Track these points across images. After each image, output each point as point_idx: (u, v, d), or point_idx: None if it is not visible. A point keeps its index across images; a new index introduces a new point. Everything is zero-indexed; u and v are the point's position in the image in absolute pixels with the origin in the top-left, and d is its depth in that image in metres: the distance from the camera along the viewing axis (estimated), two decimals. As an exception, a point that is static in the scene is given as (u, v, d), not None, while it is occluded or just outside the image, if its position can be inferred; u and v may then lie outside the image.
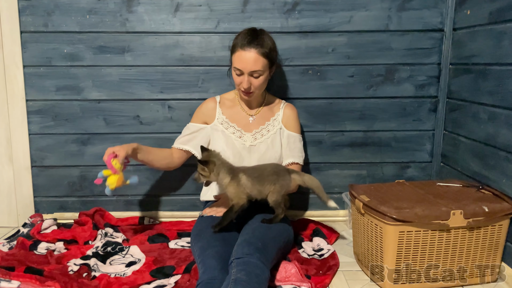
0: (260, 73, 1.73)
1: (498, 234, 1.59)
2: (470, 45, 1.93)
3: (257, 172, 1.68)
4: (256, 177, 1.67)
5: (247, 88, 1.74)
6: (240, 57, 1.72)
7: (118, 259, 1.78)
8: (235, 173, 1.66)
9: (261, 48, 1.70)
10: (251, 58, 1.70)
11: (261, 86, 1.77)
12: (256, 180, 1.66)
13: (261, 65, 1.71)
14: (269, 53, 1.73)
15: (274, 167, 1.72)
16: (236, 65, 1.73)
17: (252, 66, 1.70)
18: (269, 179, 1.67)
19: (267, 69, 1.75)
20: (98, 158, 2.16)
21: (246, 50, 1.70)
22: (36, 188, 2.18)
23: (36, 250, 1.84)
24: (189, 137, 1.90)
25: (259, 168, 1.71)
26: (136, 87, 2.11)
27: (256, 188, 1.66)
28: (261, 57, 1.70)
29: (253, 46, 1.70)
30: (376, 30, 2.08)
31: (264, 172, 1.68)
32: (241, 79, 1.74)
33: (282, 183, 1.68)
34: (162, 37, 2.07)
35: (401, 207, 1.53)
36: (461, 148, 2.00)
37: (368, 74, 2.13)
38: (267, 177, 1.67)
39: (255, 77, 1.73)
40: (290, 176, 1.71)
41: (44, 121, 2.12)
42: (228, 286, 1.31)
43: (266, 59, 1.72)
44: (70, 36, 2.05)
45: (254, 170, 1.70)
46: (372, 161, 2.22)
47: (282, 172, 1.70)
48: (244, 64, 1.71)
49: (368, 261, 1.67)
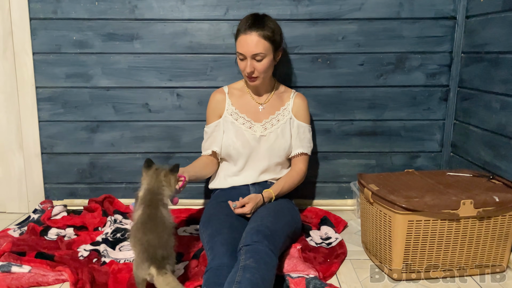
0: (263, 56, 1.72)
1: (508, 224, 1.57)
2: (483, 33, 1.90)
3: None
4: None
5: (250, 72, 1.73)
6: (241, 41, 1.71)
7: (127, 245, 1.79)
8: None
9: (262, 30, 1.70)
10: (253, 41, 1.69)
11: (265, 70, 1.75)
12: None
13: (262, 47, 1.70)
14: (271, 36, 1.72)
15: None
16: (239, 50, 1.73)
17: (253, 49, 1.69)
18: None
19: (270, 52, 1.74)
20: (108, 145, 2.18)
21: (247, 34, 1.70)
22: (46, 175, 2.20)
23: (46, 236, 1.87)
24: (211, 140, 1.88)
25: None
26: (145, 74, 2.11)
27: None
28: (262, 39, 1.69)
29: (254, 29, 1.69)
30: (387, 17, 2.06)
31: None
32: (245, 63, 1.74)
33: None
34: (171, 25, 2.06)
35: (411, 196, 1.53)
36: (472, 138, 1.98)
37: (378, 62, 2.10)
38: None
39: (258, 60, 1.72)
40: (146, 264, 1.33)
41: (54, 108, 2.13)
42: (237, 272, 1.31)
43: (268, 42, 1.71)
44: (79, 23, 2.05)
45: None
46: (381, 150, 2.21)
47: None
48: (245, 47, 1.70)
49: (376, 250, 1.67)
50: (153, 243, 1.33)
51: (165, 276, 1.30)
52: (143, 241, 1.34)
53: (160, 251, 1.33)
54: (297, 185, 1.88)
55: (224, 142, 1.85)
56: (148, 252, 1.32)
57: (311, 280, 1.47)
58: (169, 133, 2.17)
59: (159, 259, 1.31)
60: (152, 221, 1.38)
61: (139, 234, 1.36)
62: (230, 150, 1.84)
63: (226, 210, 1.71)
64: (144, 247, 1.33)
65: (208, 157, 1.89)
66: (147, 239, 1.34)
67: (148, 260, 1.31)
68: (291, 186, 1.85)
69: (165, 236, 1.37)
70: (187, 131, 2.17)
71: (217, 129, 1.87)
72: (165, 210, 1.44)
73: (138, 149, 2.18)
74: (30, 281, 1.52)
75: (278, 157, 1.86)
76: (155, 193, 1.45)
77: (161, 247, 1.34)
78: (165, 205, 1.46)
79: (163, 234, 1.37)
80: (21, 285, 1.51)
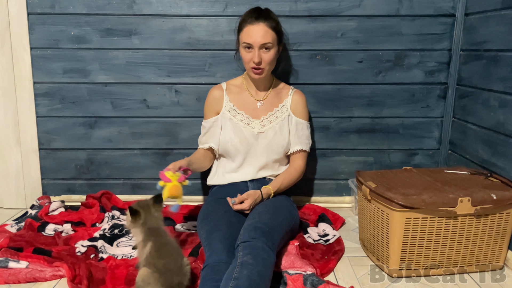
0: (270, 46, 1.74)
1: (506, 222, 1.58)
2: (482, 30, 1.89)
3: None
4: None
5: (258, 62, 1.73)
6: (249, 31, 1.73)
7: (125, 241, 1.79)
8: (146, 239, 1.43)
9: (269, 21, 1.74)
10: (261, 31, 1.72)
11: (271, 62, 1.77)
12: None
13: (270, 37, 1.73)
14: (276, 27, 1.76)
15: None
16: (246, 40, 1.74)
17: (262, 39, 1.71)
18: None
19: (276, 43, 1.76)
20: (105, 141, 2.17)
21: (255, 24, 1.72)
22: (44, 170, 2.20)
23: (44, 232, 1.86)
24: (208, 134, 1.89)
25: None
26: (143, 70, 2.10)
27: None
28: (270, 29, 1.73)
29: (261, 20, 1.73)
30: (386, 14, 2.05)
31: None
32: (252, 54, 1.74)
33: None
34: (169, 20, 2.06)
35: (408, 194, 1.53)
36: (470, 136, 1.98)
37: (377, 59, 2.10)
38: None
39: (266, 50, 1.74)
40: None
41: (52, 103, 2.12)
42: (235, 269, 1.31)
43: (275, 32, 1.75)
44: (77, 18, 2.04)
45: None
46: (380, 147, 2.21)
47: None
48: (254, 37, 1.72)
49: (373, 247, 1.67)
50: (170, 267, 1.36)
51: None
52: (158, 265, 1.36)
53: (177, 278, 1.36)
54: (295, 182, 1.88)
55: (222, 138, 1.85)
56: (166, 277, 1.35)
57: (309, 277, 1.47)
58: (167, 129, 2.17)
59: (175, 286, 1.36)
60: (165, 247, 1.40)
61: (153, 260, 1.37)
62: (228, 147, 1.83)
63: (224, 206, 1.71)
64: (160, 271, 1.35)
65: (206, 150, 1.89)
66: (164, 263, 1.36)
67: (164, 285, 1.34)
68: (290, 183, 1.85)
69: (179, 260, 1.40)
70: (185, 127, 2.16)
71: (215, 125, 1.87)
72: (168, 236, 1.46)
73: (136, 145, 2.18)
74: (28, 276, 1.52)
75: (276, 154, 1.86)
76: (157, 228, 1.45)
77: (178, 273, 1.37)
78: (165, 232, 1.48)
79: (178, 258, 1.40)
80: (18, 281, 1.51)
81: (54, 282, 1.53)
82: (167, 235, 1.45)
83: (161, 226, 1.47)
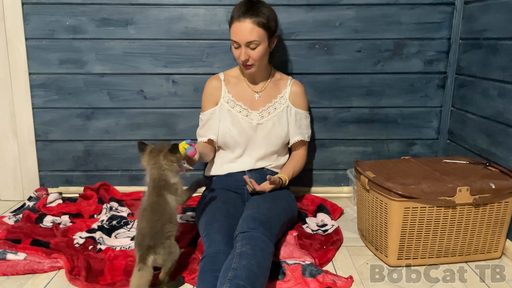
0: (257, 44, 1.69)
1: (504, 211, 1.58)
2: (482, 19, 1.88)
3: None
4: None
5: (244, 60, 1.71)
6: (235, 29, 1.69)
7: (123, 233, 1.79)
8: None
9: (256, 17, 1.67)
10: (247, 29, 1.66)
11: (260, 58, 1.73)
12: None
13: (256, 35, 1.67)
14: (265, 23, 1.69)
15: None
16: (233, 38, 1.71)
17: (247, 37, 1.67)
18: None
19: (265, 39, 1.71)
20: (103, 132, 2.16)
21: (241, 21, 1.67)
22: (41, 162, 2.18)
23: (41, 223, 1.86)
24: (206, 127, 1.85)
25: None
26: (140, 61, 2.08)
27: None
28: (256, 26, 1.67)
29: (248, 16, 1.66)
30: (385, 3, 2.03)
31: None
32: (239, 51, 1.71)
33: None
34: (166, 10, 2.03)
35: (407, 183, 1.52)
36: (468, 125, 1.98)
37: (376, 49, 2.08)
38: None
39: (252, 48, 1.69)
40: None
41: (48, 94, 2.11)
42: (233, 259, 1.31)
43: (263, 29, 1.68)
44: (72, 8, 2.01)
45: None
46: (378, 137, 2.20)
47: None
48: (239, 35, 1.68)
49: (372, 237, 1.67)
50: (144, 231, 1.35)
51: (140, 272, 1.31)
52: (139, 226, 1.38)
53: (147, 240, 1.33)
54: (300, 170, 1.91)
55: (220, 130, 1.84)
56: (137, 239, 1.35)
57: (307, 267, 1.47)
58: (164, 120, 2.16)
59: (143, 249, 1.32)
60: (150, 209, 1.37)
61: (138, 219, 1.39)
62: (227, 138, 1.82)
63: (222, 197, 1.70)
64: (136, 233, 1.37)
65: (205, 143, 1.88)
66: (141, 226, 1.36)
67: (136, 247, 1.35)
68: (297, 171, 1.89)
69: (159, 225, 1.35)
70: (182, 118, 2.15)
71: (213, 116, 1.85)
72: (170, 194, 1.39)
73: (133, 136, 2.17)
74: (26, 268, 1.52)
75: (274, 145, 1.85)
76: (158, 180, 1.40)
77: (150, 236, 1.33)
78: (171, 186, 1.40)
79: (157, 223, 1.35)
80: (17, 272, 1.51)
81: (53, 274, 1.53)
82: (164, 198, 1.38)
83: (165, 182, 1.38)
